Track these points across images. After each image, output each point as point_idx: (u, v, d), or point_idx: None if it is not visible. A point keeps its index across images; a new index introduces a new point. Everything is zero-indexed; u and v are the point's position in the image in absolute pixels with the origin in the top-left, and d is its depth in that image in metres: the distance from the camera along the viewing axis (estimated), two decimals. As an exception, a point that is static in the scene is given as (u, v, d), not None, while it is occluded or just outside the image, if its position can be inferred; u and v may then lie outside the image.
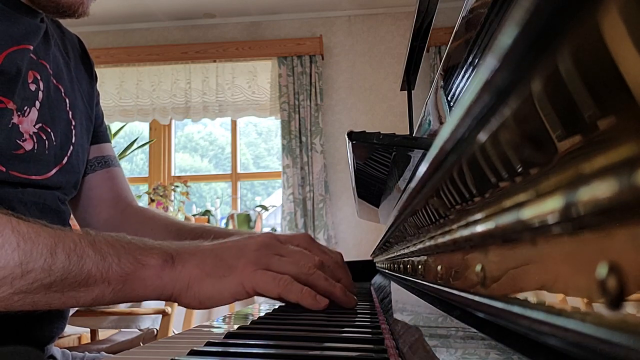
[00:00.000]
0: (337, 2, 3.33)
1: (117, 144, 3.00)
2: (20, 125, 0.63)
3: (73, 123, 0.73)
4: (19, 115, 0.63)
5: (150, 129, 3.62)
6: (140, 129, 3.77)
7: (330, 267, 0.60)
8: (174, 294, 0.51)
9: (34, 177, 0.65)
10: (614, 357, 0.10)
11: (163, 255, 0.51)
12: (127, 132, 3.62)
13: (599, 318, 0.10)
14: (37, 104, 0.66)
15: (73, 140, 0.73)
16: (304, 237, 0.63)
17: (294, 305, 0.55)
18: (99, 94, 0.85)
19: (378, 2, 3.33)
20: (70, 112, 0.73)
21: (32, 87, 0.66)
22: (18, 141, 0.63)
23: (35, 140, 0.65)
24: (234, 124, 3.59)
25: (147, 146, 3.42)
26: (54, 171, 0.68)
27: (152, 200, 3.15)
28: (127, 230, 0.57)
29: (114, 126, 3.15)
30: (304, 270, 0.54)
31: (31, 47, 0.66)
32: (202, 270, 0.52)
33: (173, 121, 3.60)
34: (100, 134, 0.84)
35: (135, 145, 2.88)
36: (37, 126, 0.66)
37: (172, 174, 3.59)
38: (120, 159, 2.83)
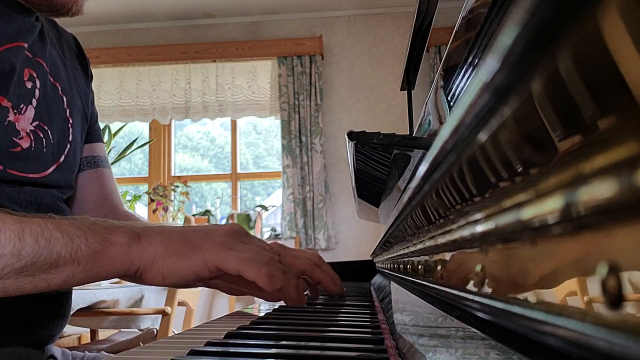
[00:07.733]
0: (337, 2, 3.33)
1: (117, 144, 3.00)
2: (16, 123, 0.63)
3: (70, 121, 0.73)
4: (15, 113, 0.63)
5: (150, 129, 3.61)
6: (140, 129, 3.77)
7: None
8: (140, 269, 0.52)
9: (31, 175, 0.65)
10: (614, 357, 0.10)
11: (129, 232, 0.52)
12: (127, 132, 3.61)
13: (599, 318, 0.10)
14: (34, 101, 0.66)
15: (70, 139, 0.73)
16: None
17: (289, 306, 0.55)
18: (93, 93, 0.84)
19: (378, 2, 3.33)
20: (67, 110, 0.73)
21: (29, 84, 0.66)
22: (15, 139, 0.62)
23: (32, 138, 0.65)
24: (233, 124, 3.59)
25: (147, 146, 3.42)
26: (51, 169, 0.68)
27: (152, 200, 3.15)
28: None
29: (114, 126, 3.15)
30: (265, 258, 0.55)
31: (25, 45, 0.65)
32: (167, 247, 0.52)
33: (173, 121, 3.60)
34: (93, 133, 0.83)
35: (135, 145, 2.88)
36: (34, 124, 0.66)
37: (172, 174, 3.59)
38: (120, 159, 2.83)
